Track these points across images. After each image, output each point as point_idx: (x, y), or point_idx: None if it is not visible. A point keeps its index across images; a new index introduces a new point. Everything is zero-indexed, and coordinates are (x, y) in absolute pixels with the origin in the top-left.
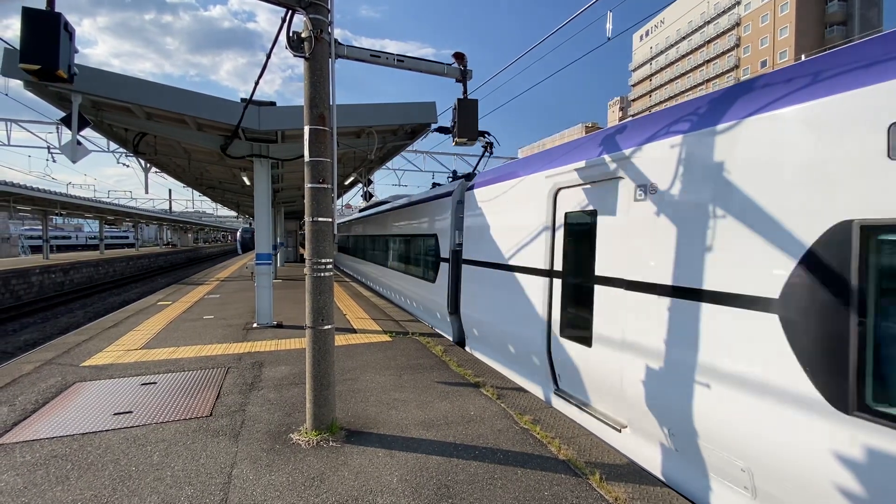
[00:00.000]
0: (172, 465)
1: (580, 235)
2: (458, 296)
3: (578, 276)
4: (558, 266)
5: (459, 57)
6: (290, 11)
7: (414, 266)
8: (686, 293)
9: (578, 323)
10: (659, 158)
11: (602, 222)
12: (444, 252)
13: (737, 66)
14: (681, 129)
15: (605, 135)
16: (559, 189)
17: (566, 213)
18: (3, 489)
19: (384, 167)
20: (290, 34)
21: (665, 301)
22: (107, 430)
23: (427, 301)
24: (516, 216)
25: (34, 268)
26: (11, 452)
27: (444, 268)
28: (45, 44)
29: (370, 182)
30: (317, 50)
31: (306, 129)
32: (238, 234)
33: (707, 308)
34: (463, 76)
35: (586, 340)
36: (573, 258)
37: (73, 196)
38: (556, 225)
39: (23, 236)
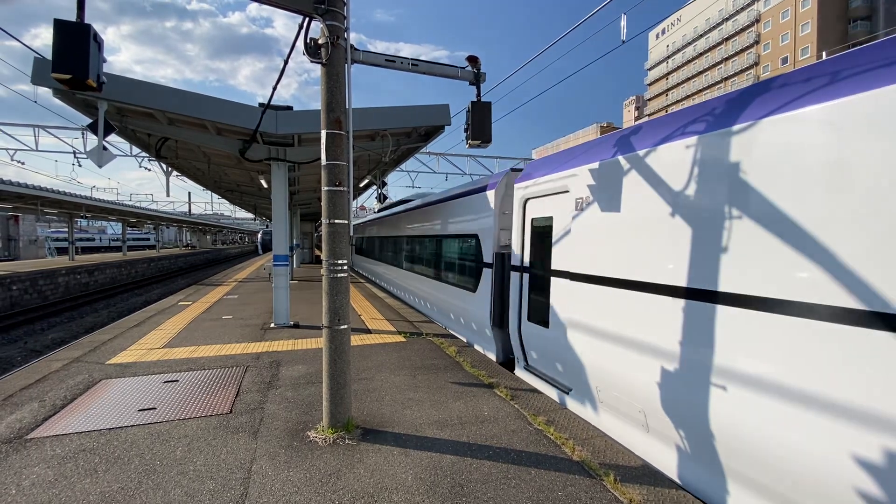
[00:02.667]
0: (195, 459)
1: None
2: None
3: None
4: None
5: (473, 60)
6: (308, 18)
7: None
8: None
9: None
10: None
11: None
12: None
13: (756, 64)
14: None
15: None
16: None
17: None
18: (36, 481)
19: (398, 169)
20: (308, 40)
21: None
22: (132, 426)
23: None
24: None
25: (60, 269)
26: (42, 446)
27: None
28: (75, 54)
29: (384, 184)
30: (333, 55)
31: (323, 133)
32: (259, 235)
33: None
34: (476, 79)
35: None
36: None
37: (97, 199)
38: None
39: (49, 238)
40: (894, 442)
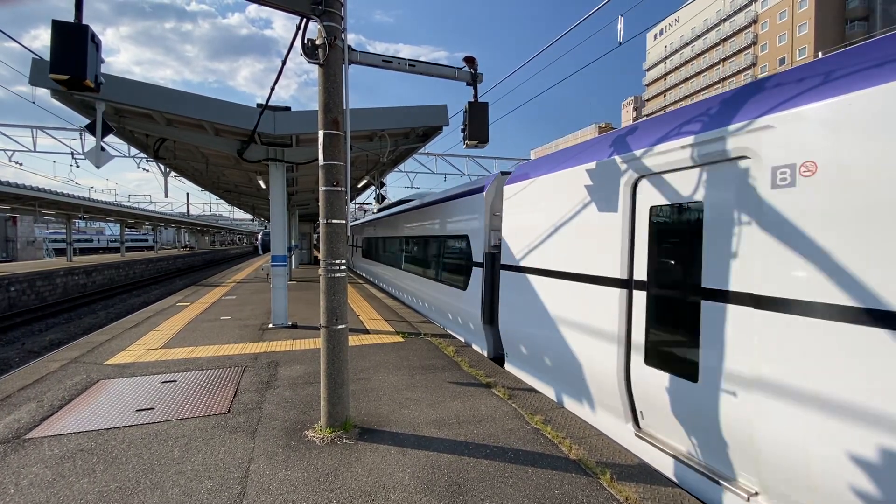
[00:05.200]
0: (192, 459)
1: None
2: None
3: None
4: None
5: (470, 61)
6: (305, 19)
7: None
8: None
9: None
10: None
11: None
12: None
13: (754, 64)
14: None
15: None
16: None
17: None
18: (34, 481)
19: (396, 169)
20: (305, 41)
21: None
22: (130, 426)
23: None
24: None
25: (58, 270)
26: (40, 446)
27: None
28: (73, 55)
29: (382, 185)
30: (331, 56)
31: (321, 133)
32: (259, 235)
33: None
34: (473, 80)
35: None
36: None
37: (95, 200)
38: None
39: (47, 239)
40: None
